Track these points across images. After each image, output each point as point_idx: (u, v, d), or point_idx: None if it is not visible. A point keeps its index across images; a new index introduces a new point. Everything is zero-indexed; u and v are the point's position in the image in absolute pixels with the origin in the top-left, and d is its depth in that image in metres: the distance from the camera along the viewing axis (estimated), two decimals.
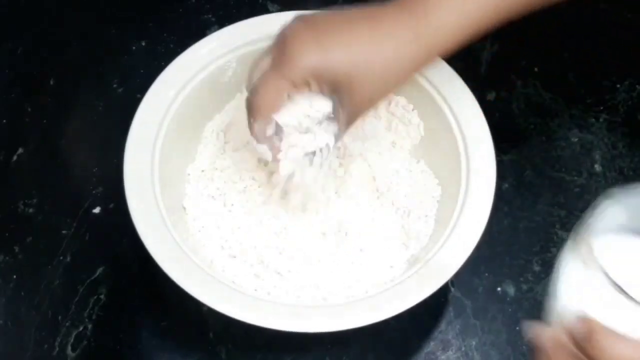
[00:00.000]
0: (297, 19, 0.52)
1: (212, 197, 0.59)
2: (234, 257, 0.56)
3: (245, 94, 0.59)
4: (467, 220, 0.53)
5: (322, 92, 0.50)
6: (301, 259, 0.56)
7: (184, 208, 0.58)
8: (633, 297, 0.34)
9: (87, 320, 0.58)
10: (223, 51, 0.60)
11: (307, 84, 0.50)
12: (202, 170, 0.60)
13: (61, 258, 0.60)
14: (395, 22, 0.50)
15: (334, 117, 0.51)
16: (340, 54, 0.49)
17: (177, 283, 0.49)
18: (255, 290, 0.54)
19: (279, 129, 0.51)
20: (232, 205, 0.58)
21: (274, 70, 0.50)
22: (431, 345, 0.57)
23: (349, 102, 0.50)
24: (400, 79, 0.52)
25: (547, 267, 0.60)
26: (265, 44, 0.59)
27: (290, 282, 0.55)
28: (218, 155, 0.61)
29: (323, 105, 0.51)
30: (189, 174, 0.60)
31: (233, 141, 0.61)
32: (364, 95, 0.51)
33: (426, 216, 0.58)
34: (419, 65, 0.52)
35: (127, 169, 0.53)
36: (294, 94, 0.50)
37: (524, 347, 0.57)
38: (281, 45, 0.50)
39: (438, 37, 0.51)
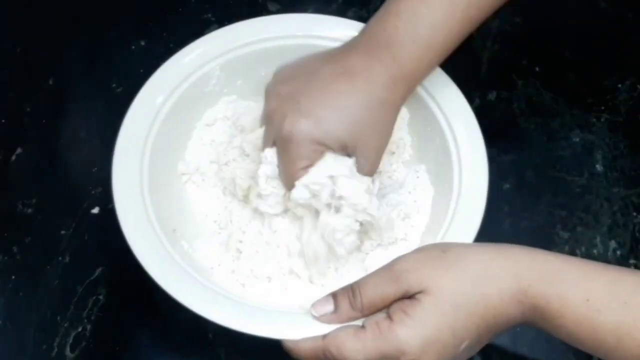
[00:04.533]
0: (272, 96, 0.54)
1: (204, 208, 0.59)
2: (228, 265, 0.56)
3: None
4: (460, 224, 0.53)
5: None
6: (294, 264, 0.56)
7: (176, 218, 0.57)
8: None
9: (86, 320, 0.57)
10: (206, 59, 0.59)
11: (318, 154, 0.52)
12: (192, 179, 0.60)
13: (60, 258, 0.60)
14: (369, 73, 0.52)
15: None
16: (333, 123, 0.52)
17: (173, 296, 0.49)
18: (246, 295, 0.54)
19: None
20: (224, 215, 0.58)
21: (283, 161, 0.53)
22: None
23: (363, 158, 0.53)
24: (394, 117, 0.54)
25: None
26: (249, 49, 0.60)
27: (282, 287, 0.55)
28: (205, 163, 0.60)
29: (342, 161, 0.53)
30: (180, 179, 0.60)
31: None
32: (371, 147, 0.53)
33: (419, 214, 0.58)
34: (406, 97, 0.55)
35: (115, 180, 0.53)
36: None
37: (524, 347, 0.57)
38: (276, 132, 0.53)
39: (414, 71, 0.53)
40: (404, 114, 0.61)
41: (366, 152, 0.53)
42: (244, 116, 0.60)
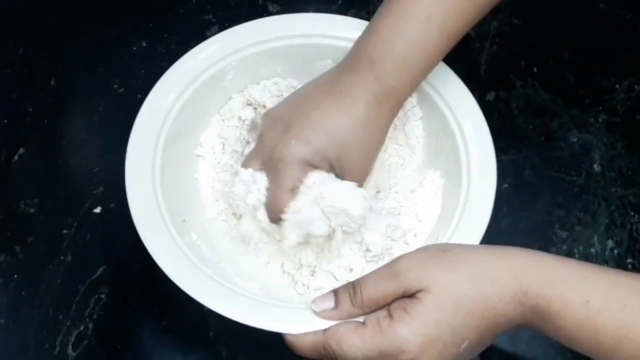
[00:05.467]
0: (266, 118, 0.56)
1: (216, 200, 0.59)
2: (234, 258, 0.56)
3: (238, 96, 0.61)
4: (467, 225, 0.53)
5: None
6: (299, 262, 0.56)
7: (186, 211, 0.58)
8: None
9: (87, 319, 0.58)
10: (222, 54, 0.60)
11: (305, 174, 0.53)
12: (206, 175, 0.60)
13: (62, 257, 0.60)
14: (353, 93, 0.53)
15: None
16: (320, 143, 0.53)
17: (182, 289, 0.49)
18: (251, 289, 0.54)
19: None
20: (234, 212, 0.58)
21: (274, 183, 0.53)
22: None
23: (348, 177, 0.54)
24: (379, 136, 0.56)
25: None
26: (263, 47, 0.60)
27: (286, 281, 0.55)
28: (217, 163, 0.61)
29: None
30: (195, 178, 0.60)
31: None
32: (355, 166, 0.54)
33: (426, 216, 0.58)
34: (392, 115, 0.56)
35: (128, 174, 0.53)
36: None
37: (523, 345, 0.58)
38: (266, 154, 0.54)
39: (395, 89, 0.54)
40: (416, 111, 0.61)
41: (351, 171, 0.54)
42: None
